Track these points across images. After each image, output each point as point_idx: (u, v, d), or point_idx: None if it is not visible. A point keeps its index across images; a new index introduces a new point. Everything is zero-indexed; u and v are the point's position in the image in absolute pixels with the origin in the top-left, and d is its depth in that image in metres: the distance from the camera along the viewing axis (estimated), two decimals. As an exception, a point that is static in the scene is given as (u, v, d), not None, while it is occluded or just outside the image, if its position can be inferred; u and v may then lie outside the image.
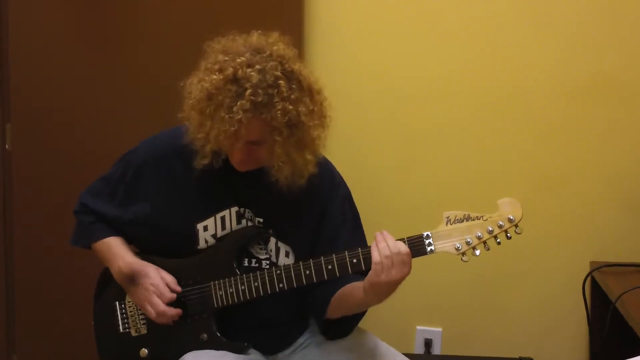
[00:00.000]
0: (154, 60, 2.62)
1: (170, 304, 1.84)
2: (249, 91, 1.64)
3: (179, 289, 1.85)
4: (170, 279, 1.86)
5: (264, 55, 1.69)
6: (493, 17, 2.55)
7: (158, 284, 1.83)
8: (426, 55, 2.60)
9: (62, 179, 2.66)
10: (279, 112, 1.65)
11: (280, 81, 1.67)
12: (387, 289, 1.70)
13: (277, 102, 1.66)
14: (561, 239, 2.58)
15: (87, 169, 2.14)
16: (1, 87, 2.67)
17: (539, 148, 2.57)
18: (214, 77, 1.68)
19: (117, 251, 1.91)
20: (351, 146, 2.58)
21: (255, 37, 1.76)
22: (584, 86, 2.52)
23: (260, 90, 1.65)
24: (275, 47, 1.72)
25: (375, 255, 1.66)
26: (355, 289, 1.77)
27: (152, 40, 2.61)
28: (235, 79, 1.66)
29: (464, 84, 2.58)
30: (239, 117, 1.64)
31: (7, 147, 2.70)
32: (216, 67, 1.69)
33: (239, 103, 1.64)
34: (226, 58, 1.70)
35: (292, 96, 1.68)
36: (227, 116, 1.65)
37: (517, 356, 2.48)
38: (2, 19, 2.64)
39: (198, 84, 1.71)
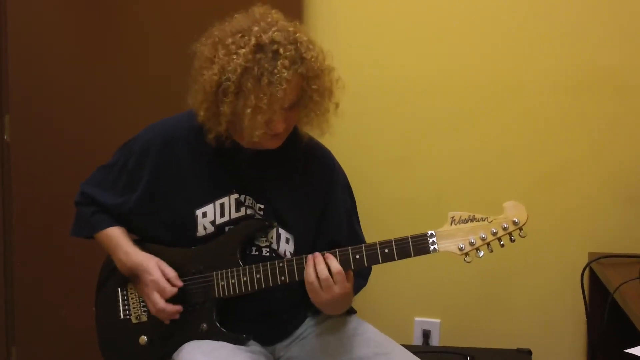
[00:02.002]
0: (153, 52, 2.62)
1: (172, 297, 1.84)
2: (281, 49, 1.69)
3: (180, 283, 1.85)
4: (172, 273, 1.85)
5: (269, 20, 1.74)
6: (493, 11, 2.55)
7: (158, 280, 1.83)
8: (426, 49, 2.60)
9: (61, 171, 2.66)
10: (311, 60, 1.73)
11: (297, 34, 1.73)
12: (329, 307, 1.76)
13: (304, 52, 1.72)
14: (560, 231, 2.58)
15: (85, 161, 2.13)
16: (0, 78, 2.67)
17: (539, 141, 2.57)
18: (242, 51, 1.69)
19: (118, 242, 1.91)
20: (351, 140, 2.58)
21: (246, 15, 1.78)
22: (584, 81, 2.52)
23: (289, 46, 1.70)
24: (271, 12, 1.78)
25: (305, 279, 1.73)
26: None
27: (151, 32, 2.61)
28: (261, 46, 1.69)
29: (464, 79, 2.58)
30: (284, 74, 1.67)
31: (5, 138, 2.69)
32: (233, 47, 1.70)
33: (279, 63, 1.68)
34: (239, 35, 1.71)
35: (310, 45, 1.74)
36: (272, 79, 1.67)
37: (515, 347, 2.48)
38: (1, 11, 2.63)
39: (225, 69, 1.70)
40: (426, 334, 2.70)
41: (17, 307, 2.76)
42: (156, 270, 1.84)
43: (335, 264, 1.71)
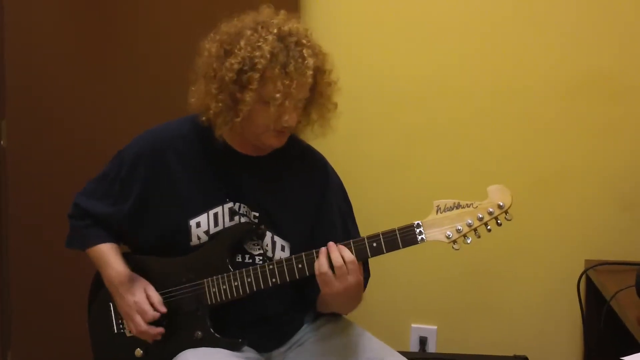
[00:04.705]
0: (151, 57, 2.62)
1: (159, 320, 1.85)
2: (303, 40, 1.74)
3: (163, 309, 1.85)
4: (156, 298, 1.85)
5: (281, 17, 1.79)
6: (490, 15, 2.54)
7: (140, 302, 1.84)
8: (423, 52, 2.59)
9: (57, 176, 2.65)
10: (325, 55, 1.79)
11: (308, 32, 1.78)
12: (340, 300, 1.75)
13: (316, 47, 1.77)
14: (556, 237, 2.58)
15: (82, 167, 2.14)
16: (-3, 83, 2.67)
17: (535, 146, 2.57)
18: (269, 38, 1.72)
19: (108, 259, 1.91)
20: (348, 143, 2.58)
21: (256, 13, 1.81)
22: (580, 84, 2.51)
23: (307, 38, 1.76)
24: (280, 12, 1.81)
25: (316, 269, 1.71)
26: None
27: (150, 36, 2.61)
28: (283, 36, 1.73)
29: (461, 82, 2.58)
30: (309, 62, 1.72)
31: (2, 143, 2.69)
32: (255, 36, 1.73)
33: (304, 51, 1.72)
34: (259, 26, 1.75)
35: (317, 44, 1.79)
36: (299, 65, 1.71)
37: (511, 354, 2.48)
38: (-2, 15, 2.64)
39: (249, 57, 1.71)
40: (423, 341, 2.69)
41: (13, 311, 2.76)
42: (140, 293, 1.85)
43: (348, 254, 1.69)
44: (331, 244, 1.71)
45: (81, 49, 2.66)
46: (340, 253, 1.70)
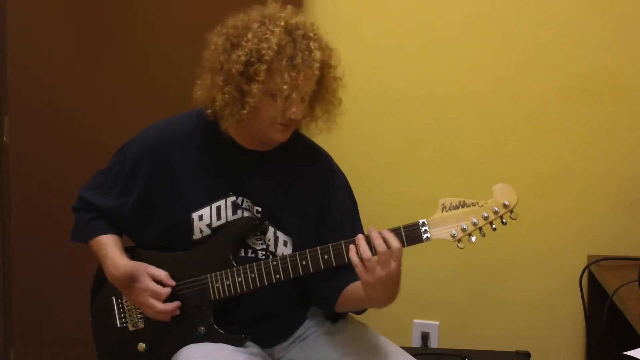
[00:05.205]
0: (153, 55, 2.62)
1: (168, 298, 1.83)
2: (310, 33, 1.75)
3: (172, 282, 1.84)
4: (162, 274, 1.84)
5: (288, 11, 1.79)
6: (491, 16, 2.55)
7: (148, 286, 1.83)
8: (425, 54, 2.60)
9: (59, 173, 2.66)
10: (331, 50, 1.80)
11: (315, 26, 1.79)
12: (381, 287, 1.70)
13: (323, 41, 1.78)
14: (559, 234, 2.58)
15: (84, 163, 2.14)
16: (-1, 80, 2.67)
17: (537, 145, 2.57)
18: (276, 30, 1.72)
19: (109, 252, 1.90)
20: (351, 143, 2.58)
21: (263, 7, 1.81)
22: (582, 85, 2.52)
23: (314, 31, 1.76)
24: (286, 7, 1.82)
25: (353, 258, 1.67)
26: (359, 289, 1.75)
27: (151, 35, 2.62)
28: (290, 30, 1.74)
29: (462, 83, 2.59)
30: (315, 55, 1.72)
31: (4, 139, 2.69)
32: (262, 29, 1.74)
33: (310, 44, 1.73)
34: (267, 19, 1.75)
35: (324, 38, 1.80)
36: (306, 58, 1.72)
37: (514, 350, 2.48)
38: (1, 13, 2.63)
39: (256, 50, 1.71)
40: (425, 336, 2.70)
41: (15, 308, 2.76)
42: (144, 277, 1.84)
43: (395, 242, 1.66)
44: (372, 230, 1.69)
45: (82, 46, 2.66)
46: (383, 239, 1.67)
